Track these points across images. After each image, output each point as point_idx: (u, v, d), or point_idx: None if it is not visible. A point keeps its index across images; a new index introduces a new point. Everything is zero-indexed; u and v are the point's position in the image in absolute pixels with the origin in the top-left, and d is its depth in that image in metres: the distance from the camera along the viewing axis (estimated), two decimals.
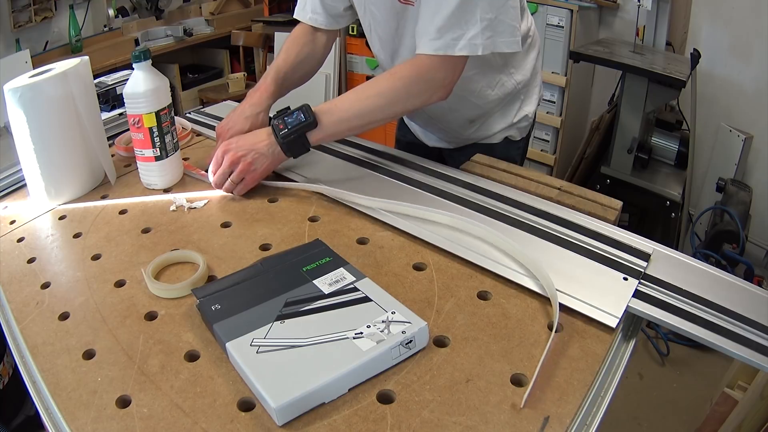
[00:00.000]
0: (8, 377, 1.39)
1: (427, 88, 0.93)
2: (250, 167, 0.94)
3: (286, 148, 0.94)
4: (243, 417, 0.57)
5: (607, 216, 0.88)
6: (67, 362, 0.65)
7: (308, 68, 1.16)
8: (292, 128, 0.93)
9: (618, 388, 0.61)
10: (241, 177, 0.95)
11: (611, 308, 0.68)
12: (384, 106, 0.94)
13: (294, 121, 0.93)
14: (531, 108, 1.20)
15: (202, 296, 0.70)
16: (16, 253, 0.88)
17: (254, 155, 0.94)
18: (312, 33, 1.15)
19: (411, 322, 0.63)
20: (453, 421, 0.56)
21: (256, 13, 3.80)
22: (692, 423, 1.66)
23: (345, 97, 0.97)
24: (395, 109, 0.96)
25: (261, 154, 0.94)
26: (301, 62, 1.14)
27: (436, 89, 0.93)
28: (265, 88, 1.08)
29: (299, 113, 0.93)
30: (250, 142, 0.95)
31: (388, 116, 0.96)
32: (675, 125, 2.49)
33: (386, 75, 0.94)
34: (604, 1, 2.54)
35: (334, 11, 1.13)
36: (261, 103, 1.06)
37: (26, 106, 0.90)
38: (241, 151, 0.94)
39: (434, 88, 0.93)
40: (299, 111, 0.93)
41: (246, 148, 0.94)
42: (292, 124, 0.93)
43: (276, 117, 0.95)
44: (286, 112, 0.95)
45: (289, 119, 0.93)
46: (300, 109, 0.93)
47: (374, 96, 0.94)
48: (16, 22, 2.88)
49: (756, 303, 0.69)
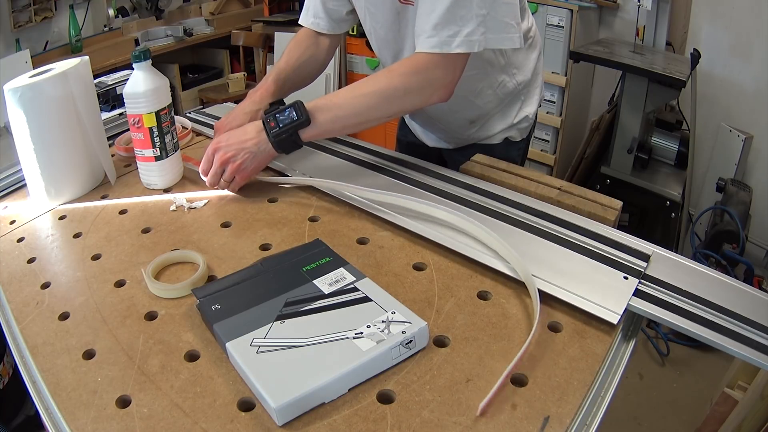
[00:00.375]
0: (8, 377, 1.39)
1: (427, 86, 0.91)
2: (240, 167, 0.93)
3: (276, 145, 0.93)
4: (243, 417, 0.57)
5: (607, 216, 0.87)
6: (67, 362, 0.65)
7: (310, 71, 1.16)
8: (283, 127, 0.91)
9: (618, 388, 0.61)
10: (232, 177, 0.94)
11: (612, 305, 0.68)
12: (380, 104, 0.92)
13: (286, 119, 0.91)
14: (532, 109, 1.20)
15: (202, 296, 0.70)
16: (16, 253, 0.88)
17: (244, 155, 0.92)
18: (315, 37, 1.16)
19: (411, 322, 0.63)
20: (453, 421, 0.56)
21: (256, 13, 3.80)
22: (692, 423, 1.66)
23: (341, 93, 0.95)
24: (392, 107, 0.94)
25: (251, 153, 0.92)
26: (303, 65, 1.14)
27: (436, 88, 0.92)
28: (266, 88, 1.08)
29: (291, 111, 0.91)
30: (239, 140, 0.93)
31: (384, 115, 0.94)
32: (675, 125, 2.49)
33: (384, 72, 0.93)
34: (604, 1, 2.54)
35: (337, 15, 1.13)
36: (261, 101, 1.06)
37: (26, 106, 0.90)
38: (230, 152, 0.92)
39: (434, 87, 0.92)
40: (291, 108, 0.91)
41: (235, 147, 0.92)
42: (284, 122, 0.91)
43: (268, 113, 0.93)
44: (278, 108, 0.92)
45: (281, 116, 0.91)
46: (293, 106, 0.91)
47: (371, 93, 0.92)
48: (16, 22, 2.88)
49: (756, 304, 0.69)
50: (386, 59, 1.12)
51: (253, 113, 1.04)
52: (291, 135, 0.91)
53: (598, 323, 0.67)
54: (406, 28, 1.02)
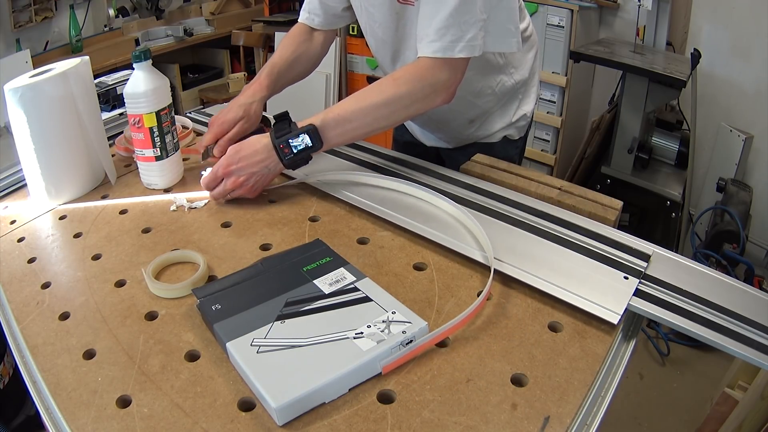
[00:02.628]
0: (8, 377, 1.39)
1: (431, 91, 0.92)
2: (250, 189, 0.94)
3: (287, 165, 0.93)
4: (243, 417, 0.57)
5: (608, 216, 0.87)
6: (68, 362, 0.65)
7: (303, 67, 1.16)
8: (297, 153, 0.91)
9: (618, 388, 0.61)
10: (240, 196, 0.95)
11: (613, 305, 0.68)
12: (389, 115, 0.93)
13: (300, 146, 0.91)
14: (529, 107, 1.20)
15: (202, 296, 0.70)
16: (16, 253, 0.88)
17: (255, 179, 0.93)
18: (309, 32, 1.16)
19: (411, 322, 0.63)
20: (453, 421, 0.56)
21: (256, 13, 3.80)
22: (692, 423, 1.66)
23: (349, 105, 0.93)
24: (399, 116, 0.95)
25: (261, 175, 0.93)
26: (296, 60, 1.14)
27: (439, 92, 0.92)
28: (260, 82, 1.09)
29: (305, 137, 0.90)
30: (250, 163, 0.92)
31: (391, 124, 0.96)
32: (675, 125, 2.49)
33: (389, 81, 0.92)
34: (605, 1, 2.54)
35: (333, 11, 1.13)
36: (255, 95, 1.07)
37: (26, 106, 0.91)
38: (242, 176, 0.92)
39: (437, 91, 0.92)
40: (305, 134, 0.90)
41: (247, 172, 0.92)
42: (298, 148, 0.91)
43: (279, 134, 0.91)
44: (289, 132, 0.91)
45: (294, 142, 0.91)
46: (306, 132, 0.90)
47: (380, 105, 0.92)
48: (17, 22, 2.88)
49: (756, 304, 0.69)
50: (384, 59, 1.12)
51: (247, 106, 1.05)
52: (303, 158, 0.93)
53: (598, 323, 0.67)
54: (404, 28, 1.01)
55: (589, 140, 2.56)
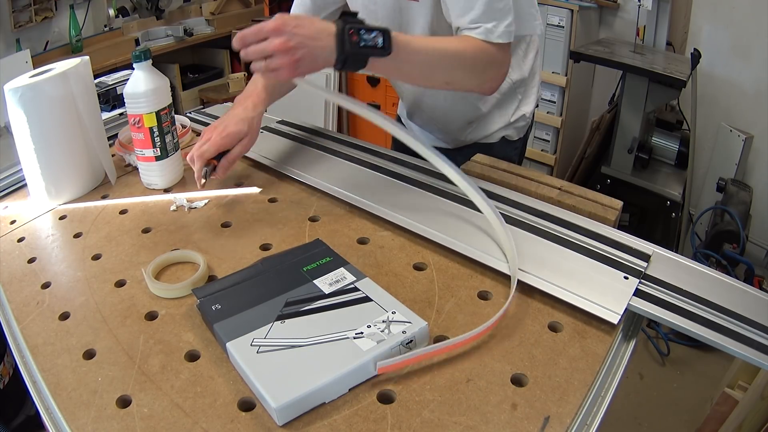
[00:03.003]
0: (8, 377, 1.39)
1: (488, 67, 0.91)
2: (293, 63, 0.77)
3: (342, 59, 0.79)
4: (243, 417, 0.57)
5: (608, 216, 0.87)
6: (68, 362, 0.65)
7: None
8: (363, 47, 0.78)
9: (618, 388, 0.61)
10: (277, 68, 0.78)
11: (612, 305, 0.68)
12: (451, 67, 0.88)
13: (370, 42, 0.78)
14: (529, 108, 1.19)
15: (202, 296, 0.70)
16: (16, 253, 0.88)
17: (305, 53, 0.77)
18: None
19: (411, 322, 0.63)
20: (453, 421, 0.56)
21: (256, 13, 3.80)
22: (692, 423, 1.66)
23: (419, 39, 0.88)
24: (456, 75, 0.90)
25: (313, 56, 0.78)
26: None
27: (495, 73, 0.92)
28: (257, 95, 1.03)
29: (379, 36, 0.79)
30: (309, 34, 0.78)
31: (446, 81, 0.90)
32: (675, 125, 2.49)
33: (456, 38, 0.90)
34: (605, 1, 2.54)
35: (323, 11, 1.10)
36: (254, 109, 1.01)
37: (26, 106, 0.91)
38: (294, 41, 0.76)
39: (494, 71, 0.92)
40: (380, 33, 0.79)
41: (302, 40, 0.77)
42: (367, 43, 0.78)
43: (349, 22, 0.79)
44: (362, 24, 0.80)
45: (366, 36, 0.78)
46: (380, 31, 0.79)
47: (450, 52, 0.87)
48: (17, 22, 2.88)
49: (756, 304, 0.69)
50: None
51: (250, 120, 0.99)
52: (364, 57, 0.80)
53: (598, 323, 0.67)
54: (407, 26, 1.00)
55: (589, 140, 2.56)
